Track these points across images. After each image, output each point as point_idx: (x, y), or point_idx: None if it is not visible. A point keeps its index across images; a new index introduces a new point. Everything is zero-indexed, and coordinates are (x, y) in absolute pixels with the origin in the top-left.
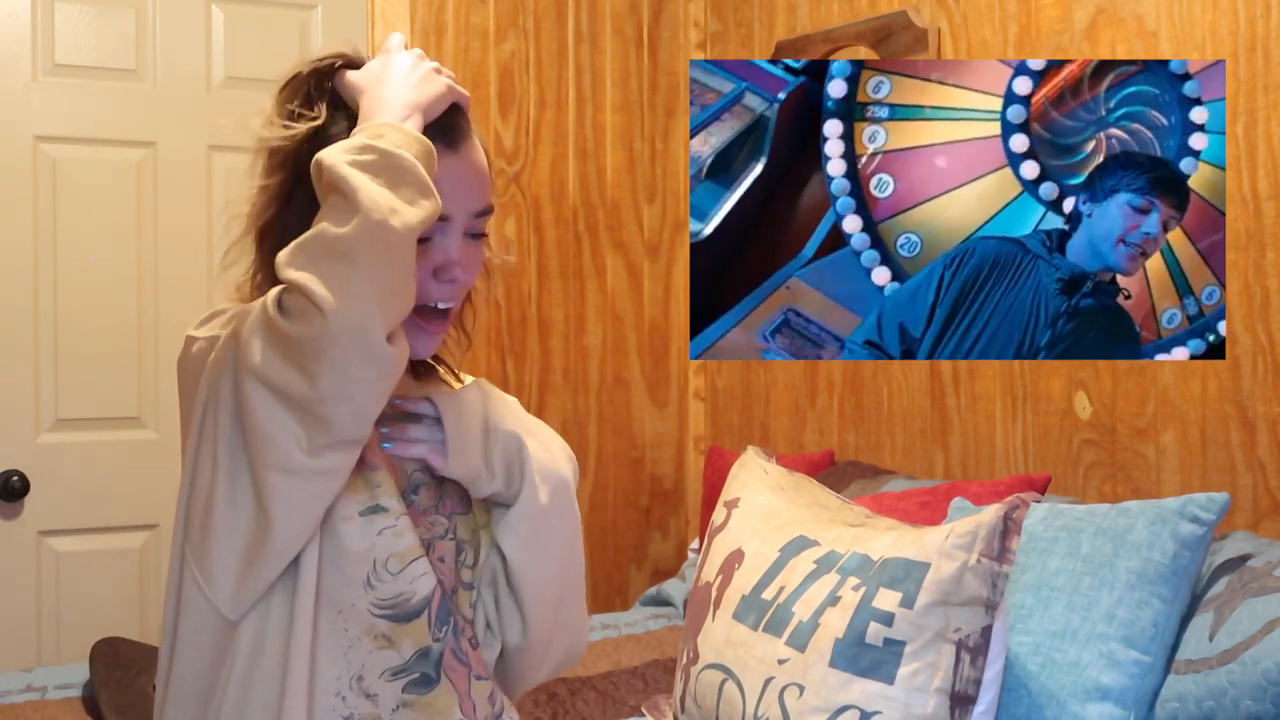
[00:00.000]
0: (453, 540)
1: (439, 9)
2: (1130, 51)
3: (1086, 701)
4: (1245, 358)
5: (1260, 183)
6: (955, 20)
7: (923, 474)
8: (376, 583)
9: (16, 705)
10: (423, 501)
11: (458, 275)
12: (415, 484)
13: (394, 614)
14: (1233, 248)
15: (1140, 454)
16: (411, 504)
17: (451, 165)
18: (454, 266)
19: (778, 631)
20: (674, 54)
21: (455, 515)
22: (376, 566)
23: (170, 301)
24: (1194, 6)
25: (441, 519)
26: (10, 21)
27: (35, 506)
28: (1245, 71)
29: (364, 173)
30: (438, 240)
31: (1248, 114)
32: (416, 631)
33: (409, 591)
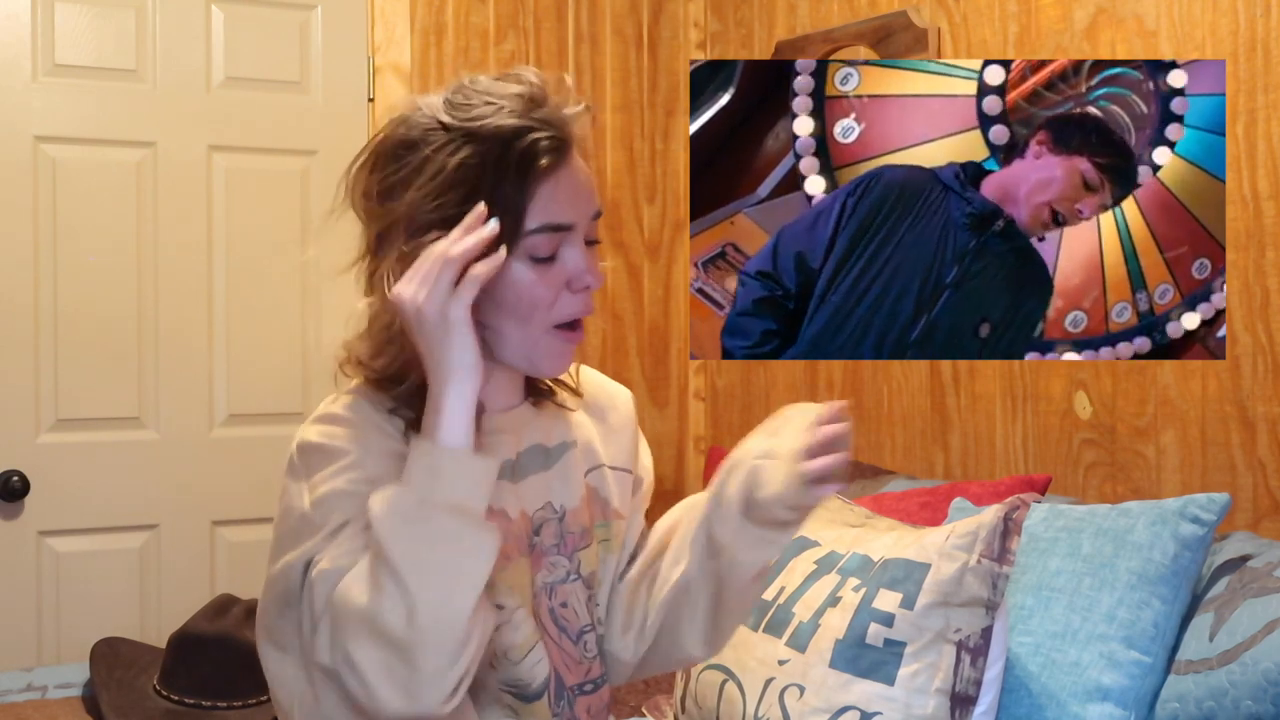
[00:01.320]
0: (577, 580)
1: (439, 9)
2: (1130, 51)
3: (1087, 702)
4: (1245, 358)
5: (1260, 183)
6: (955, 20)
7: (923, 474)
8: (499, 666)
9: (16, 705)
10: (545, 541)
11: (591, 283)
12: (538, 523)
13: (518, 693)
14: (1233, 248)
15: (1140, 454)
16: (534, 546)
17: (564, 176)
18: (585, 276)
19: (778, 632)
20: (674, 54)
21: (578, 551)
22: (497, 655)
23: (170, 301)
24: (1194, 6)
25: (563, 560)
26: (10, 21)
27: (35, 506)
28: (1245, 71)
29: (417, 548)
30: (565, 252)
31: (1248, 114)
32: (539, 710)
33: (529, 677)
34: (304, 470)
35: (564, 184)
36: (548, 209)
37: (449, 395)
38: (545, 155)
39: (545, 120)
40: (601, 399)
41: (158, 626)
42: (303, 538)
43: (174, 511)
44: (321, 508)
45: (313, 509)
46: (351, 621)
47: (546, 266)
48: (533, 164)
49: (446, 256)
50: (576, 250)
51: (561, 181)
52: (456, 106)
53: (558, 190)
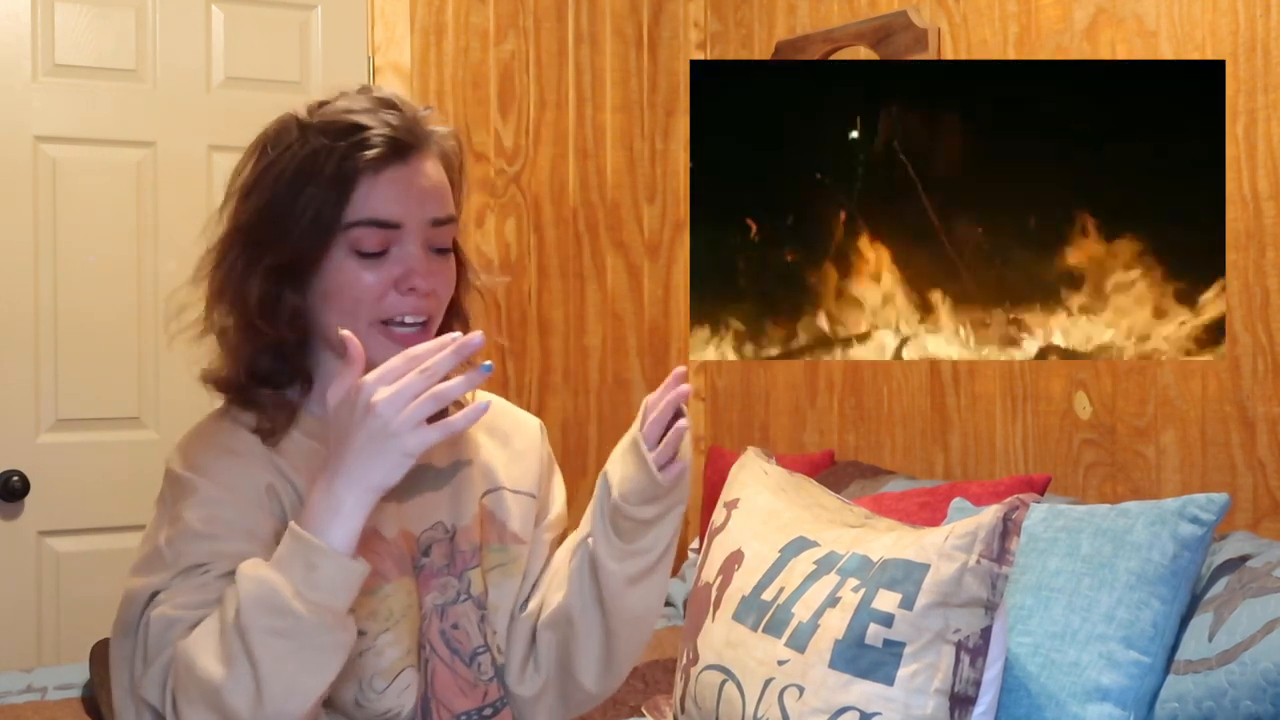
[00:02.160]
0: (468, 601)
1: (439, 9)
2: (1130, 51)
3: (1086, 702)
4: (1245, 358)
5: (1260, 183)
6: (955, 20)
7: (923, 474)
8: (365, 702)
9: (16, 705)
10: (435, 562)
11: (418, 284)
12: (427, 543)
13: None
14: (1233, 248)
15: (1140, 454)
16: (422, 568)
17: (398, 174)
18: (413, 276)
19: (777, 632)
20: (674, 54)
21: (468, 571)
22: (361, 686)
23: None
24: (1194, 6)
25: (453, 580)
26: (10, 21)
27: (35, 506)
28: (1245, 72)
29: (277, 641)
30: (395, 251)
31: (1248, 114)
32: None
33: (396, 705)
34: (169, 498)
35: (395, 182)
36: (370, 203)
37: (353, 502)
38: (377, 149)
39: (389, 122)
40: (505, 424)
41: None
42: (152, 570)
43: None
44: (173, 546)
45: (166, 545)
46: (194, 686)
47: (375, 263)
48: (360, 154)
49: (437, 392)
50: (407, 250)
51: (393, 179)
52: (316, 108)
53: (385, 187)
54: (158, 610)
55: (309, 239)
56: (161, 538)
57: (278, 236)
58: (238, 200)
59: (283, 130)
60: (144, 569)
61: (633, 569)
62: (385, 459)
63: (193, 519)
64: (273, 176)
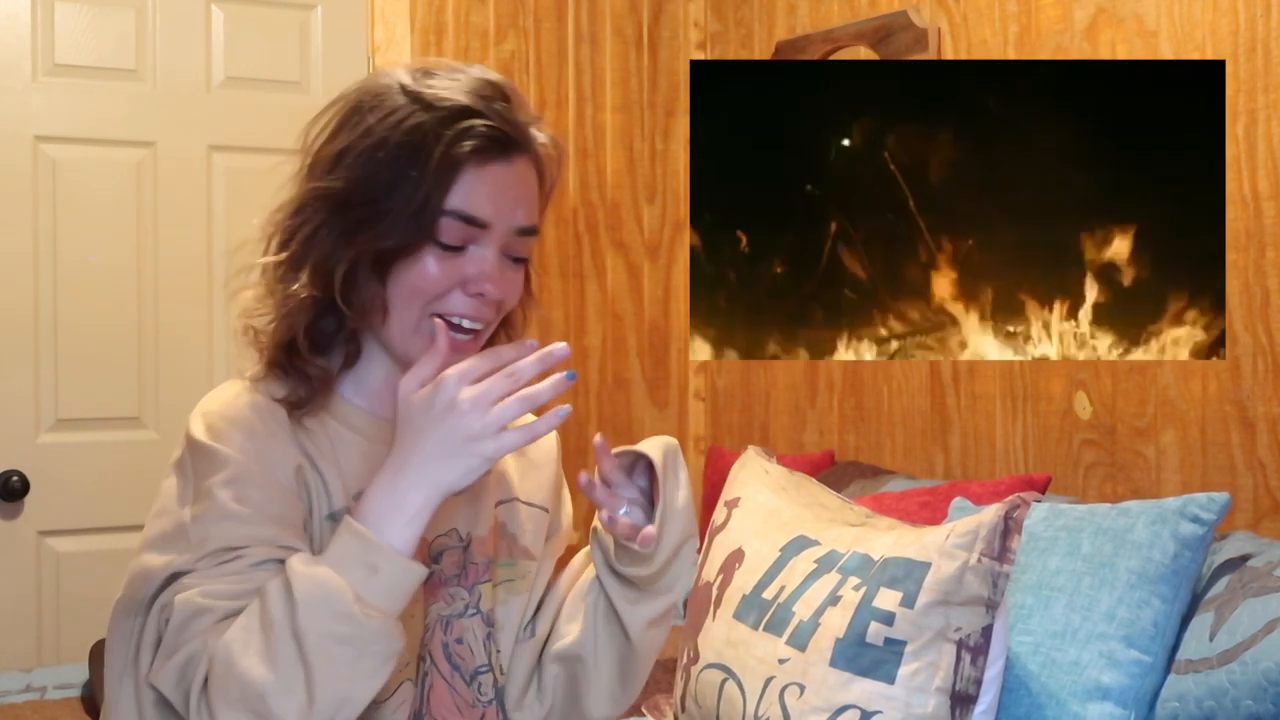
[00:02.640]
0: (476, 615)
1: (439, 9)
2: (1130, 51)
3: (1087, 701)
4: (1245, 358)
5: (1260, 183)
6: (955, 20)
7: (923, 474)
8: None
9: (16, 705)
10: (445, 570)
11: (488, 290)
12: (439, 550)
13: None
14: (1233, 248)
15: (1140, 454)
16: (430, 575)
17: (498, 173)
18: (485, 280)
19: (778, 631)
20: (674, 54)
21: (479, 585)
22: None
23: (170, 301)
24: (1194, 6)
25: (463, 592)
26: (10, 21)
27: (35, 506)
28: (1245, 72)
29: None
30: (472, 250)
31: (1248, 114)
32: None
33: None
34: (190, 469)
35: (492, 180)
36: (467, 196)
37: (420, 502)
38: (484, 140)
39: (498, 113)
40: None
41: None
42: (172, 547)
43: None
44: (200, 525)
45: (192, 524)
46: (235, 687)
47: (450, 257)
48: (467, 142)
49: (526, 395)
50: (486, 253)
51: (490, 176)
52: (421, 75)
53: (484, 183)
54: (183, 596)
55: (410, 228)
56: (186, 513)
57: (375, 217)
58: (330, 164)
59: (383, 95)
60: (163, 545)
61: (652, 612)
62: (462, 461)
63: (224, 497)
64: (370, 145)
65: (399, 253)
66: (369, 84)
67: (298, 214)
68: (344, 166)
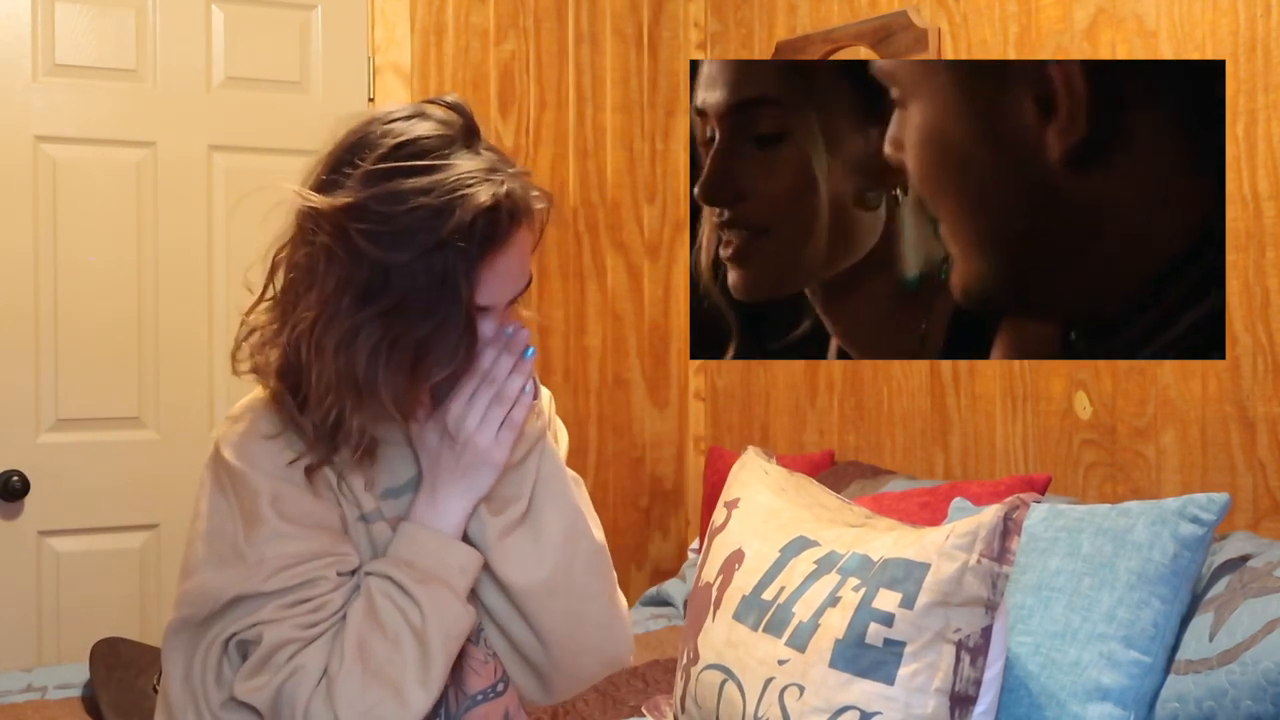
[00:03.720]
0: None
1: (439, 9)
2: (1130, 51)
3: (1087, 702)
4: (1245, 358)
5: (1260, 183)
6: (955, 20)
7: (923, 474)
8: None
9: (16, 705)
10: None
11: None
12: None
13: None
14: (1233, 248)
15: (1140, 454)
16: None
17: (501, 262)
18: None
19: (778, 632)
20: (674, 54)
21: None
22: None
23: (170, 301)
24: (1194, 6)
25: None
26: (10, 21)
27: (35, 506)
28: (1245, 72)
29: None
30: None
31: (1248, 114)
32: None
33: None
34: (230, 489)
35: (498, 271)
36: (484, 292)
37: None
38: (495, 239)
39: (503, 195)
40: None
41: (158, 626)
42: (229, 566)
43: (174, 511)
44: (254, 546)
45: (248, 545)
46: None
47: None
48: (485, 243)
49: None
50: (485, 325)
51: (498, 269)
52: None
53: (492, 279)
54: (273, 630)
55: (449, 342)
56: (240, 536)
57: (410, 325)
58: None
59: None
60: (218, 564)
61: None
62: (483, 475)
63: (270, 516)
64: (396, 243)
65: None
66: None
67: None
68: (367, 251)
